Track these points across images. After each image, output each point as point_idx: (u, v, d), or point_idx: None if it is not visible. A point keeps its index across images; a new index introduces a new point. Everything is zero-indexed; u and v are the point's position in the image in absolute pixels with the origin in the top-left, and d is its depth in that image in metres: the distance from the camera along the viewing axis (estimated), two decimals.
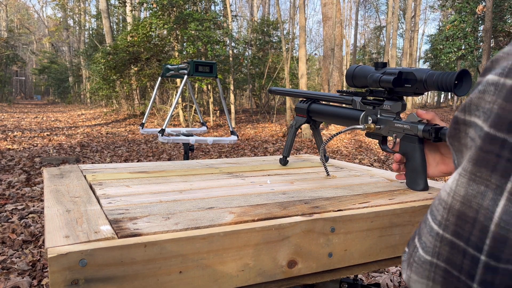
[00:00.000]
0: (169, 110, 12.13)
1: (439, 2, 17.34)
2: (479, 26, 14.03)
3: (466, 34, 13.76)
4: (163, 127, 2.47)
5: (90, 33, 27.35)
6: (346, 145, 8.16)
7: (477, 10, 12.45)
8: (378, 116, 1.00)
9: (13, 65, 30.31)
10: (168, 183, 0.99)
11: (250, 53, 15.35)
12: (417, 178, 0.93)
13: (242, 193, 0.90)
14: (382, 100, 1.00)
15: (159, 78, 2.77)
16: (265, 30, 15.48)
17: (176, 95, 8.62)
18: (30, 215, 3.20)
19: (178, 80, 10.70)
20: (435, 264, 0.41)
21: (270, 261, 0.68)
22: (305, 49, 9.80)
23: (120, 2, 13.84)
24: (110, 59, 11.86)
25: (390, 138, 1.00)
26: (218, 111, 13.40)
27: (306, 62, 10.60)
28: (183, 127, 5.05)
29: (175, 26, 10.81)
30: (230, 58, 12.32)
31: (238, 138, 2.77)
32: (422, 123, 0.90)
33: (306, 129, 8.75)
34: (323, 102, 1.21)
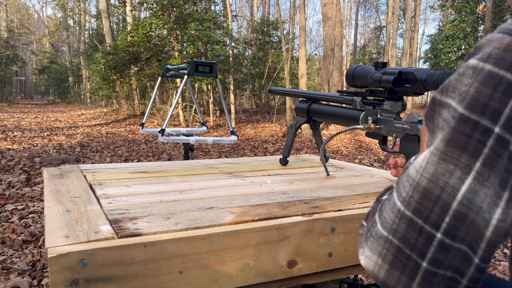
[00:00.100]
0: (169, 110, 12.12)
1: (439, 2, 17.33)
2: (479, 26, 14.02)
3: (466, 34, 13.75)
4: (163, 127, 2.47)
5: (90, 33, 27.33)
6: (346, 145, 8.16)
7: (477, 10, 12.45)
8: (378, 116, 1.00)
9: (13, 65, 30.30)
10: (168, 183, 0.99)
11: (250, 53, 15.34)
12: None
13: (242, 193, 0.90)
14: (382, 100, 1.00)
15: (159, 78, 2.77)
16: (265, 30, 15.47)
17: (176, 95, 8.62)
18: (30, 215, 3.20)
19: (178, 80, 10.69)
20: (390, 240, 0.41)
21: (270, 261, 0.68)
22: (305, 49, 9.80)
23: (120, 2, 13.83)
24: (110, 59, 11.86)
25: (390, 138, 1.00)
26: (218, 111, 13.39)
27: (306, 62, 10.60)
28: (183, 127, 5.05)
29: (175, 26, 10.80)
30: (230, 58, 12.32)
31: (238, 138, 2.77)
32: (422, 123, 0.90)
33: (306, 129, 8.74)
34: (323, 102, 1.21)
